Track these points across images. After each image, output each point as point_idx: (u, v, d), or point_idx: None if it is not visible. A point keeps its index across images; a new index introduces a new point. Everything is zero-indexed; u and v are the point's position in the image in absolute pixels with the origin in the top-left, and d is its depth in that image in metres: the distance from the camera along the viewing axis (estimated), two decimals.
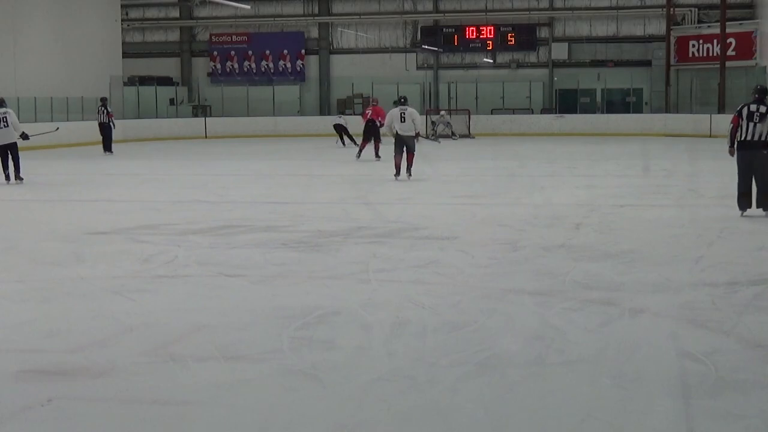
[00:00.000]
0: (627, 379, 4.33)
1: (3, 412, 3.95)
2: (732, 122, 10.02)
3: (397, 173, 15.04)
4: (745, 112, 9.92)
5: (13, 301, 6.18)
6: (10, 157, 14.83)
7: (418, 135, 15.14)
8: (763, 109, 9.82)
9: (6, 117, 14.89)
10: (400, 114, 14.94)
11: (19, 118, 22.95)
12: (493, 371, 4.48)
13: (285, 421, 3.88)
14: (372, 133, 20.45)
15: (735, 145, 9.94)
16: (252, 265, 7.37)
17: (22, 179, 14.79)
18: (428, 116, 30.08)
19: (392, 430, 3.77)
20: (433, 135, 27.62)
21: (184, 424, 3.87)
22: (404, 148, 14.92)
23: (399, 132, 14.90)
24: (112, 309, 5.83)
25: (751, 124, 9.81)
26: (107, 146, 23.11)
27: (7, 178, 14.85)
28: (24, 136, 15.08)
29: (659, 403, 4.00)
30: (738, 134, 9.90)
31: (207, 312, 5.72)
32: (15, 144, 14.93)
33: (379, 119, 19.89)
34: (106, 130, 23.17)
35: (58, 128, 19.57)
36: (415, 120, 15.03)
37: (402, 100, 15.61)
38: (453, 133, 28.96)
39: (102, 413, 3.96)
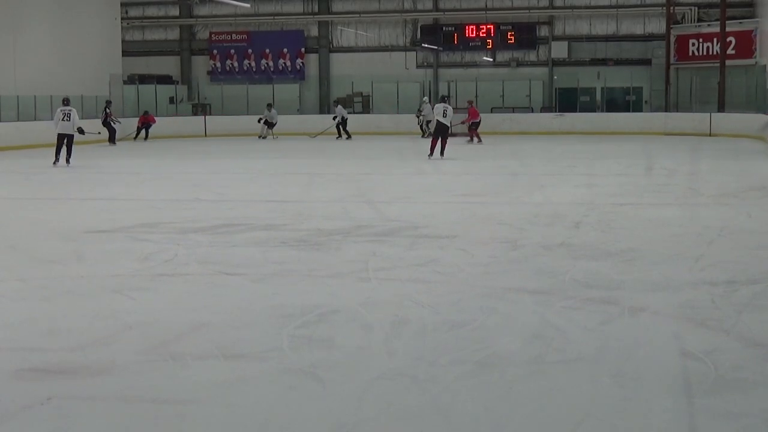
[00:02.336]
0: (627, 377, 4.33)
1: (3, 410, 3.95)
2: None
3: (431, 154, 18.90)
4: None
5: (13, 299, 6.18)
6: (65, 145, 17.94)
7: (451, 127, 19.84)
8: None
9: (69, 113, 18.16)
10: (443, 110, 19.10)
11: (18, 117, 23.70)
12: (492, 370, 4.48)
13: (285, 420, 3.88)
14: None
15: None
16: (252, 263, 7.37)
17: (69, 164, 17.79)
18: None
19: (392, 429, 3.77)
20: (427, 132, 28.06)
21: (183, 422, 3.87)
22: (440, 136, 18.90)
23: (443, 122, 18.94)
24: (112, 307, 5.83)
25: None
26: (112, 139, 26.12)
27: (56, 161, 17.88)
28: (80, 131, 18.43)
29: (659, 401, 4.00)
30: None
31: (207, 310, 5.72)
32: (72, 136, 18.10)
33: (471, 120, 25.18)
34: (109, 127, 26.21)
35: (99, 133, 22.71)
36: (452, 116, 19.54)
37: (446, 98, 20.46)
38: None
39: (102, 412, 3.96)
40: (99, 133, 22.52)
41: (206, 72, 38.49)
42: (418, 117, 29.28)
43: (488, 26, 35.68)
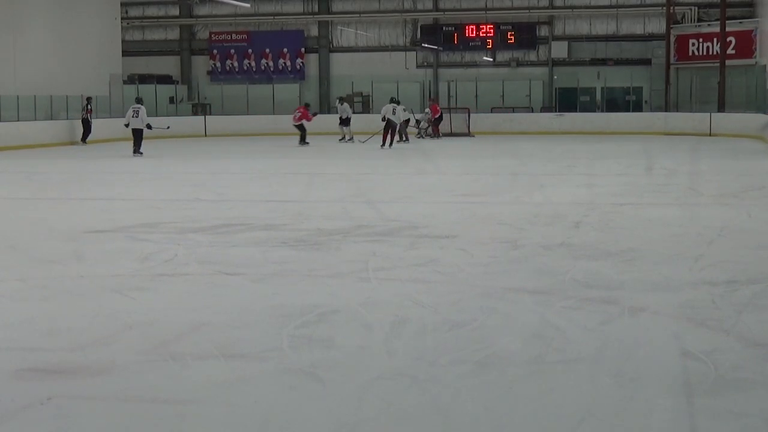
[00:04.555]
0: (627, 377, 4.33)
1: (2, 410, 3.94)
2: None
3: (383, 145, 23.18)
4: None
5: (13, 299, 6.18)
6: (139, 139, 21.06)
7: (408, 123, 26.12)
8: None
9: (138, 111, 21.13)
10: (393, 109, 23.68)
11: (18, 117, 24.16)
12: (492, 370, 4.48)
13: (284, 420, 3.87)
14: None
15: None
16: (252, 263, 7.37)
17: (142, 153, 20.90)
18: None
19: (392, 429, 3.77)
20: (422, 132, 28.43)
21: (183, 422, 3.87)
22: (389, 130, 23.49)
23: (393, 120, 23.54)
24: (111, 307, 5.83)
25: None
26: (84, 138, 26.29)
27: (135, 153, 20.98)
28: (148, 127, 21.04)
29: (659, 401, 3.99)
30: None
31: (206, 310, 5.72)
32: (141, 130, 21.07)
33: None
34: (86, 125, 26.41)
35: (169, 127, 23.70)
36: (400, 114, 24.40)
37: (394, 99, 25.15)
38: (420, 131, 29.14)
39: (101, 412, 3.96)
40: (168, 127, 23.43)
41: (206, 72, 38.49)
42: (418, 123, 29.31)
43: (488, 26, 35.69)
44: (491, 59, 36.07)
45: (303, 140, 25.24)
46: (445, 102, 33.90)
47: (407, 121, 26.59)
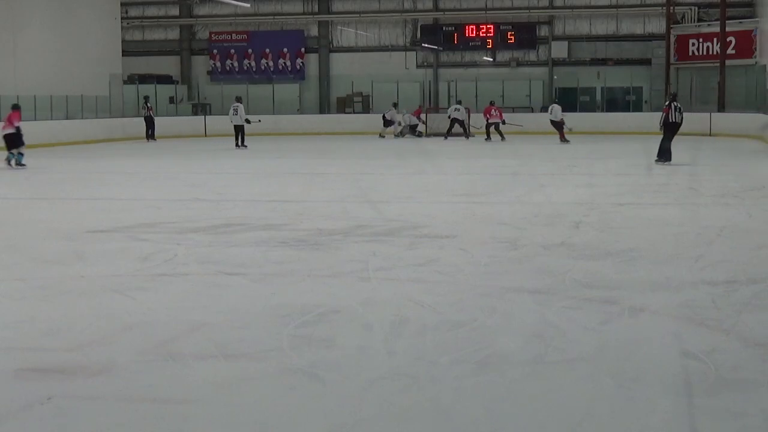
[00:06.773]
0: (627, 377, 4.33)
1: (2, 410, 3.95)
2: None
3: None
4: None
5: (13, 299, 6.18)
6: (240, 133, 23.67)
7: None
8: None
9: (237, 108, 23.83)
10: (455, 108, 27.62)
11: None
12: (492, 370, 4.48)
13: (285, 420, 3.88)
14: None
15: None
16: (252, 263, 7.37)
17: (246, 147, 23.36)
18: (427, 115, 30.45)
19: (392, 429, 3.77)
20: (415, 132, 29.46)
21: (183, 422, 3.87)
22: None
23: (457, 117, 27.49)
24: (111, 307, 5.83)
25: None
26: (151, 135, 28.13)
27: (237, 146, 23.48)
28: (247, 121, 23.78)
29: (659, 401, 4.00)
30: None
31: (206, 310, 5.72)
32: (242, 126, 23.73)
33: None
34: (150, 123, 28.30)
35: (260, 120, 25.56)
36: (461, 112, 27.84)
37: (459, 101, 28.60)
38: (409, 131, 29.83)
39: (101, 411, 3.96)
40: (259, 120, 25.06)
41: (206, 72, 38.49)
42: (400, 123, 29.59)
43: (488, 26, 35.70)
44: (491, 59, 36.07)
45: (502, 136, 26.79)
46: (446, 102, 33.91)
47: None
